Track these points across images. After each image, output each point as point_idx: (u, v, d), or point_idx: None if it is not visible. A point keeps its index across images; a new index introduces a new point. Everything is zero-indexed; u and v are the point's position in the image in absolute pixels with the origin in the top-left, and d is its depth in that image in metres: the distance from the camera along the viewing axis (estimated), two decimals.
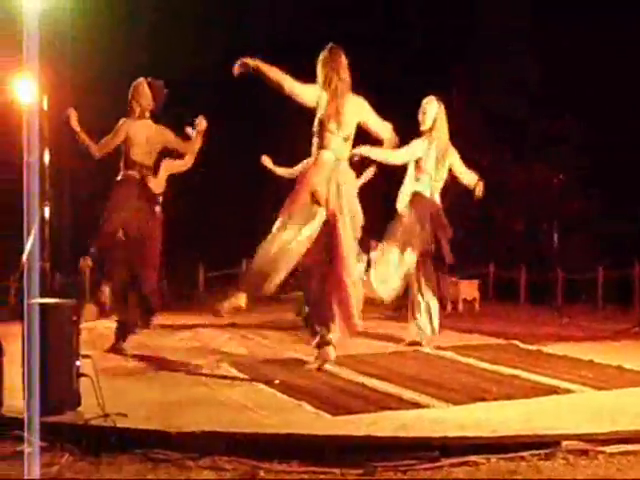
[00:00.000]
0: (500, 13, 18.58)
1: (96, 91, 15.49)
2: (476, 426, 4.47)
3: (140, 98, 7.27)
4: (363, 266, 7.37)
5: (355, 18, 19.73)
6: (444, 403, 5.08)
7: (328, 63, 6.25)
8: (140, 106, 7.28)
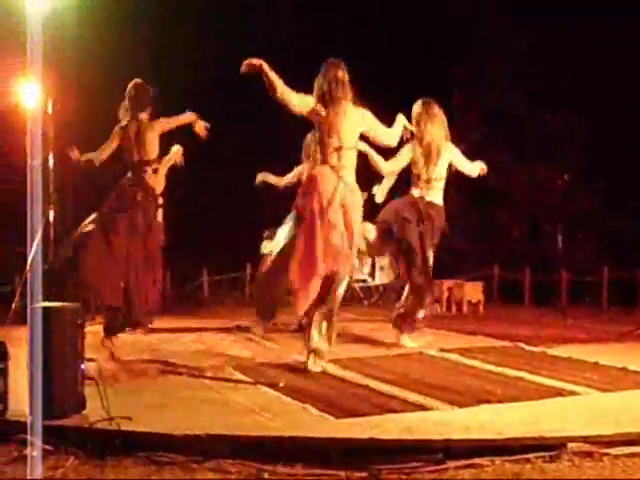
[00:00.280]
0: (501, 12, 18.57)
1: (101, 94, 15.50)
2: (481, 428, 4.47)
3: (128, 101, 7.47)
4: (367, 270, 7.44)
5: (355, 18, 19.81)
6: (449, 405, 5.07)
7: (326, 76, 6.25)
8: (130, 108, 7.47)
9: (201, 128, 7.68)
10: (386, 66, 18.99)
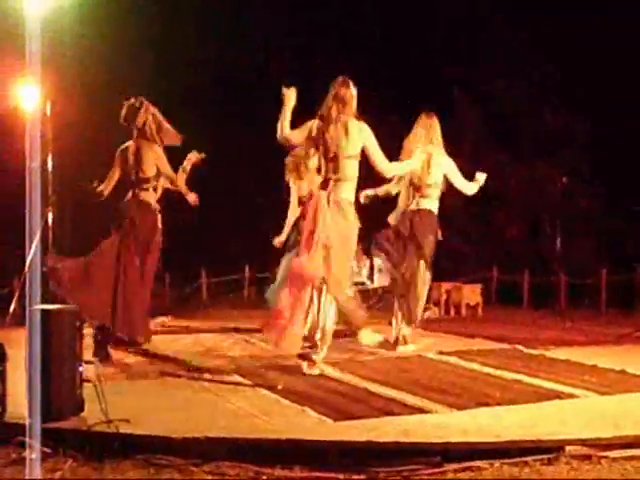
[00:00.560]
0: (502, 11, 18.57)
1: (100, 95, 15.50)
2: (479, 431, 4.47)
3: (124, 121, 7.41)
4: (366, 272, 7.44)
5: (354, 17, 19.83)
6: (447, 408, 5.08)
7: (331, 94, 6.50)
8: (130, 128, 7.40)
9: (193, 198, 7.73)
10: (381, 64, 19.00)
